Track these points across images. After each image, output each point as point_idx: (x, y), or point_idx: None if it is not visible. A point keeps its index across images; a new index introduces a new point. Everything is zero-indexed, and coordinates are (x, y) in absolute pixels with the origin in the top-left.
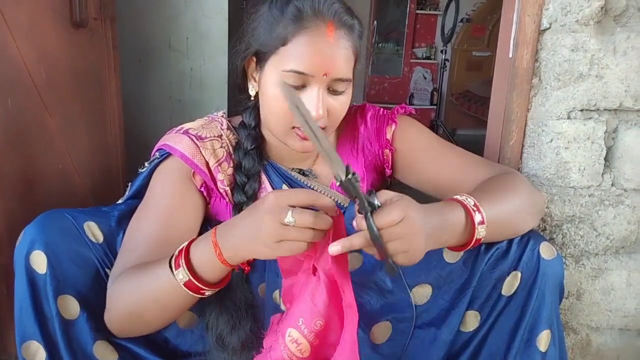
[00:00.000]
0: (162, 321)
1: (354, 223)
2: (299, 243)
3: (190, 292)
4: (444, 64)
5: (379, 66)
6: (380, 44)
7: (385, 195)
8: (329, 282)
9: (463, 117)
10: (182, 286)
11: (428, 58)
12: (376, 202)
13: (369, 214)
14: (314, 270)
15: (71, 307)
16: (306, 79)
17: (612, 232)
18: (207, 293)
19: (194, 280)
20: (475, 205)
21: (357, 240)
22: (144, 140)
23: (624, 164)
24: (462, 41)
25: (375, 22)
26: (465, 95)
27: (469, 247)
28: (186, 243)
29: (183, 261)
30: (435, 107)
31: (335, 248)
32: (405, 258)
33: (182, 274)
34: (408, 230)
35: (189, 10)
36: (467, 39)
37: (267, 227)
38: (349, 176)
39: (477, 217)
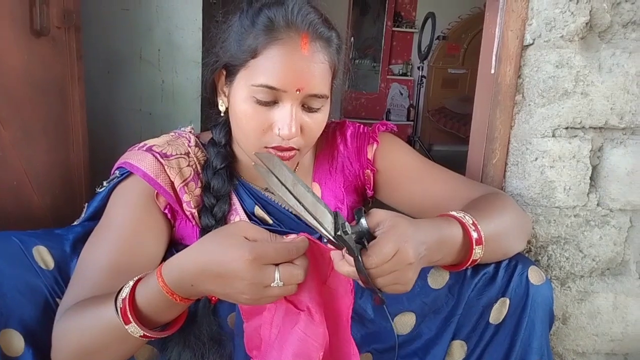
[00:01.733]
0: None
1: (344, 254)
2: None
3: (146, 339)
4: (421, 80)
5: (356, 82)
6: (357, 60)
7: (377, 217)
8: (320, 311)
9: (439, 133)
10: (138, 338)
11: (404, 74)
12: (364, 224)
13: (358, 256)
14: (296, 306)
15: (15, 342)
16: (278, 95)
17: (598, 253)
18: (167, 335)
19: (149, 334)
20: (473, 223)
21: (343, 270)
22: (112, 156)
23: (609, 184)
24: (438, 58)
25: (352, 38)
26: (441, 112)
27: (464, 266)
28: (128, 290)
29: (131, 315)
30: (412, 122)
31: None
32: (394, 290)
33: (134, 329)
34: (400, 265)
35: (162, 21)
36: (443, 57)
37: (249, 294)
38: (339, 233)
39: (475, 235)
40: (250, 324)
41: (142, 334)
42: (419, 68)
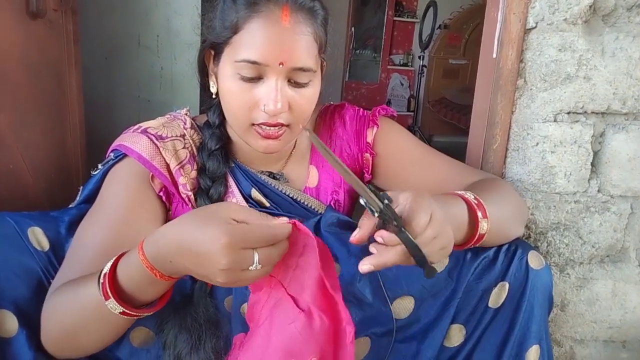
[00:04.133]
0: (100, 344)
1: (379, 239)
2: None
3: (128, 318)
4: (422, 70)
5: (357, 72)
6: (358, 50)
7: (401, 197)
8: (323, 318)
9: (439, 123)
10: (117, 314)
11: (405, 65)
12: (385, 201)
13: (404, 228)
14: (297, 303)
15: (8, 323)
16: (261, 70)
17: (598, 240)
18: (148, 314)
19: (127, 310)
20: (476, 198)
21: (390, 258)
22: (109, 142)
23: (610, 170)
24: (439, 49)
25: (352, 28)
26: (441, 102)
27: (472, 243)
28: (109, 265)
29: (109, 290)
30: (412, 113)
31: (366, 267)
32: (441, 255)
33: (112, 305)
34: (439, 228)
35: (160, 7)
36: (444, 47)
37: (224, 275)
38: (385, 202)
39: (480, 211)
40: (254, 295)
41: (121, 311)
42: (419, 58)
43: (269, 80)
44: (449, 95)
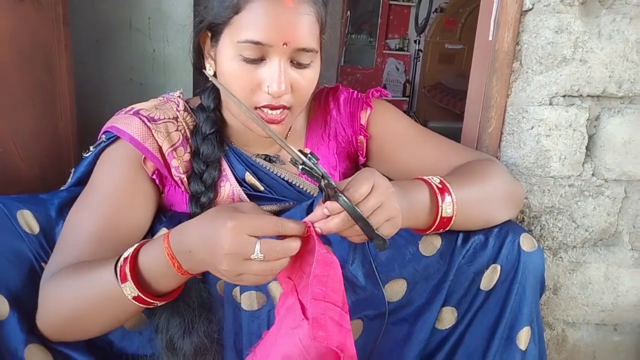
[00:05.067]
0: (103, 329)
1: (324, 210)
2: (263, 277)
3: (139, 305)
4: (417, 54)
5: (352, 57)
6: (353, 35)
7: (342, 182)
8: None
9: (435, 109)
10: (130, 300)
11: (401, 49)
12: (309, 155)
13: (340, 193)
14: (303, 310)
15: (0, 306)
16: (264, 50)
17: (592, 224)
18: (159, 304)
19: (142, 295)
20: (441, 182)
21: (333, 224)
22: (101, 126)
23: (605, 154)
24: (435, 33)
25: (348, 12)
26: (437, 88)
27: (435, 227)
28: (132, 250)
29: (129, 273)
30: (407, 98)
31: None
32: (390, 226)
33: (129, 289)
34: (383, 196)
35: None
36: (440, 32)
37: (226, 263)
38: (308, 156)
39: (443, 195)
40: (280, 296)
41: (136, 295)
42: (415, 42)
43: (272, 61)
44: (444, 80)
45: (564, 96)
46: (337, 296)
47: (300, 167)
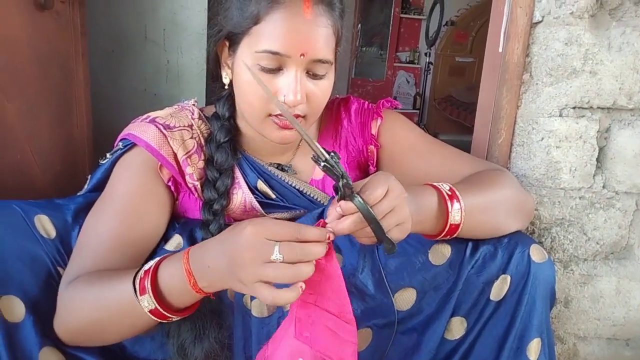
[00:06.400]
0: (119, 338)
1: (337, 209)
2: (287, 293)
3: (155, 318)
4: (428, 67)
5: (363, 69)
6: (364, 48)
7: (357, 183)
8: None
9: (445, 122)
10: (147, 313)
11: (411, 62)
12: (332, 154)
13: (355, 193)
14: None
15: (16, 309)
16: (282, 61)
17: (602, 236)
18: (174, 319)
19: (160, 309)
20: (450, 189)
21: (345, 224)
22: (115, 135)
23: (616, 166)
24: (446, 46)
25: (359, 25)
26: (447, 100)
27: (444, 234)
28: (153, 263)
29: (149, 286)
30: (417, 111)
31: (330, 235)
32: (399, 231)
33: (147, 301)
34: (396, 201)
35: (167, 1)
36: (451, 45)
37: (247, 267)
38: (331, 155)
39: (452, 201)
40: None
41: (153, 307)
42: (426, 54)
43: (288, 72)
44: (455, 93)
45: (574, 108)
46: (332, 305)
47: (323, 164)
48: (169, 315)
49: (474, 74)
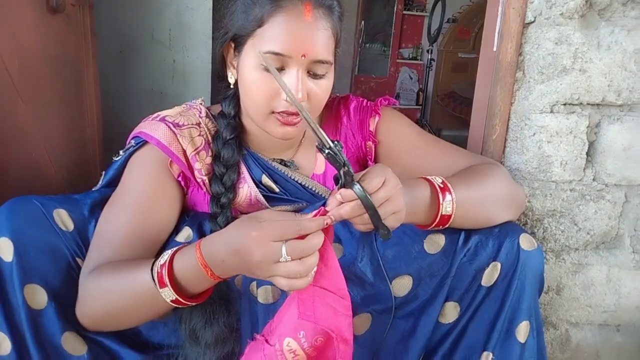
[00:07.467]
0: (137, 323)
1: (337, 196)
2: (301, 279)
3: (175, 305)
4: (430, 63)
5: (366, 66)
6: (367, 44)
7: (356, 174)
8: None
9: (448, 117)
10: (169, 302)
11: (414, 58)
12: (335, 142)
13: (356, 181)
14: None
15: (38, 296)
16: (284, 61)
17: (593, 227)
18: (192, 304)
19: (180, 298)
20: (442, 182)
21: (344, 210)
22: (124, 133)
23: (605, 159)
24: (448, 42)
25: (362, 22)
26: (450, 96)
27: (435, 224)
28: (167, 257)
29: (167, 279)
30: (420, 107)
31: (328, 220)
32: (394, 219)
33: (168, 293)
34: (392, 191)
35: (172, 2)
36: (453, 41)
37: (259, 267)
38: (335, 143)
39: (444, 193)
40: None
41: (174, 298)
42: (428, 51)
43: (290, 71)
44: (458, 89)
45: (564, 104)
46: (329, 283)
47: (327, 151)
48: (187, 302)
49: (476, 69)
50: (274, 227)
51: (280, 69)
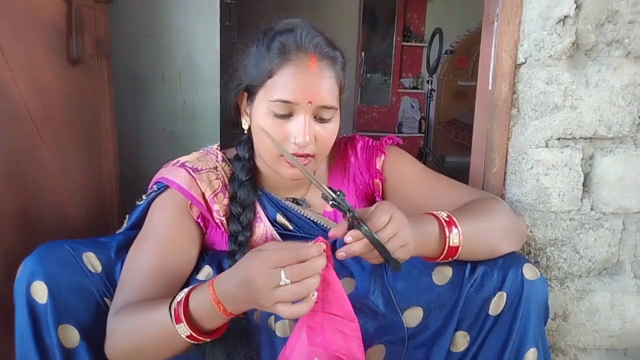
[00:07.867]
0: (161, 358)
1: (347, 238)
2: (301, 305)
3: (190, 341)
4: (430, 94)
5: (368, 96)
6: (368, 75)
7: (364, 210)
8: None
9: (451, 144)
10: (184, 338)
11: (415, 88)
12: (338, 193)
13: (362, 222)
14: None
15: (71, 336)
16: (292, 107)
17: (594, 254)
18: (208, 340)
19: (194, 334)
20: (448, 216)
21: (356, 247)
22: (138, 171)
23: (601, 189)
24: (447, 72)
25: (362, 54)
26: (452, 123)
27: (443, 256)
28: (183, 295)
29: (183, 316)
30: (423, 135)
31: (340, 254)
32: (403, 252)
33: (183, 329)
34: (399, 226)
35: (182, 44)
36: (452, 70)
37: (262, 294)
38: (337, 193)
39: (450, 227)
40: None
41: (189, 334)
42: (428, 82)
43: (298, 117)
44: (459, 116)
45: (558, 139)
46: (336, 308)
47: (331, 202)
48: (201, 338)
49: (476, 96)
50: (273, 254)
51: (289, 115)
